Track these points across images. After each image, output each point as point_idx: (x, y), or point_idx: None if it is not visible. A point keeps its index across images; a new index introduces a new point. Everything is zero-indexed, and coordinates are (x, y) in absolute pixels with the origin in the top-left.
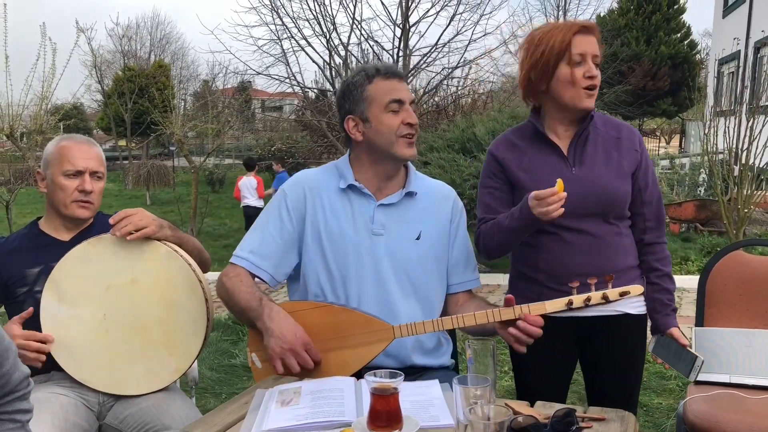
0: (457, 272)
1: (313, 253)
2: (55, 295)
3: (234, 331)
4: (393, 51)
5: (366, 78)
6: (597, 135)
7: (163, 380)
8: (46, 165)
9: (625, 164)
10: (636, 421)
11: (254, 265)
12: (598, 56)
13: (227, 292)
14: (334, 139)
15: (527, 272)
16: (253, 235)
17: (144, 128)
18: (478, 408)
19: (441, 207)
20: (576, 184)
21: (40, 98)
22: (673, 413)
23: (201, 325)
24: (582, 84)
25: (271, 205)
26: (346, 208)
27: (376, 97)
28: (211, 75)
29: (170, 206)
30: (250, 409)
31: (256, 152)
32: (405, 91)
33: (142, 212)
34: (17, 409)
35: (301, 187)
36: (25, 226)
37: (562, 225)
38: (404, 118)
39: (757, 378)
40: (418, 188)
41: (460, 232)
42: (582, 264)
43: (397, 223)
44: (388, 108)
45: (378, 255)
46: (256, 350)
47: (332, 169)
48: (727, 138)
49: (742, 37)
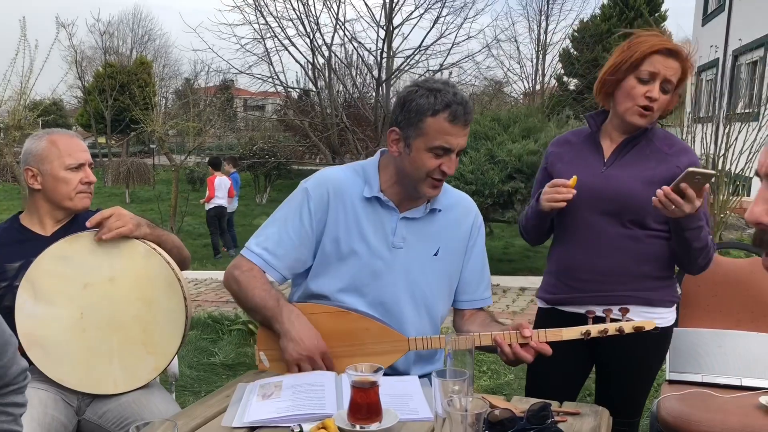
0: (468, 290)
1: (329, 258)
2: (31, 293)
3: (213, 329)
4: (376, 52)
5: (432, 108)
6: (647, 146)
7: (140, 379)
8: (40, 161)
9: (659, 173)
10: (609, 416)
11: (267, 264)
12: (671, 82)
13: (239, 286)
14: (316, 139)
15: (550, 267)
16: (269, 230)
17: (124, 126)
18: (456, 400)
19: (461, 223)
20: (600, 180)
21: (18, 94)
22: (647, 413)
23: (179, 324)
24: (639, 102)
25: (291, 201)
26: (369, 217)
27: (428, 133)
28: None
29: (150, 204)
30: (231, 402)
31: (238, 151)
32: (461, 138)
33: (119, 212)
34: (12, 402)
35: (325, 189)
36: (4, 221)
37: (578, 219)
38: (442, 164)
39: (728, 377)
40: (442, 204)
41: (476, 250)
42: (589, 260)
43: (418, 237)
44: (433, 150)
45: (394, 268)
46: (264, 349)
47: (359, 172)
48: (705, 144)
49: (721, 45)
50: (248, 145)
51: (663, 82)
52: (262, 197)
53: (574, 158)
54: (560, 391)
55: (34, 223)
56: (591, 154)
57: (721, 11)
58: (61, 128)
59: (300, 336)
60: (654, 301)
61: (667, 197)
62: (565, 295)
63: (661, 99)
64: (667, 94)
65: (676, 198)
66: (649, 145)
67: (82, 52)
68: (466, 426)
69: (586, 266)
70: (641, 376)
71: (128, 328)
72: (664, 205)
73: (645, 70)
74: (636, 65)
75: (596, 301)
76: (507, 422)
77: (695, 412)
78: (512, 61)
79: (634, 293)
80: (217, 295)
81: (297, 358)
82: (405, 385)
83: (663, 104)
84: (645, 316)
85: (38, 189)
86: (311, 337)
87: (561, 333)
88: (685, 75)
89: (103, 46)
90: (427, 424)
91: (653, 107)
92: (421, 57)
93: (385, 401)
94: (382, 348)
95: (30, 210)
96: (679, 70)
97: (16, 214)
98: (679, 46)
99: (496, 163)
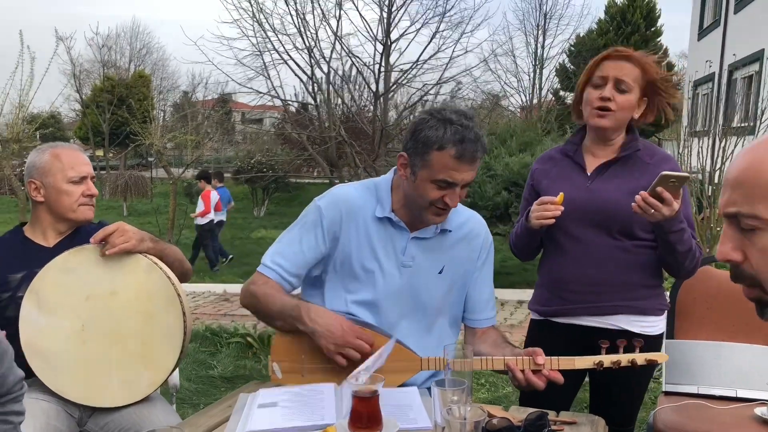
0: (479, 308)
1: (340, 275)
2: (36, 303)
3: (212, 342)
4: (374, 67)
5: (438, 141)
6: (629, 160)
7: (137, 393)
8: (43, 174)
9: (643, 183)
10: (605, 426)
11: (282, 278)
12: (624, 81)
13: (256, 299)
14: (314, 152)
15: (541, 280)
16: (284, 248)
17: (122, 138)
18: (455, 409)
19: (471, 243)
20: (585, 194)
21: (17, 107)
22: (644, 424)
23: (178, 339)
24: (594, 104)
25: (306, 219)
26: (381, 236)
27: (434, 165)
28: (192, 86)
29: (148, 217)
30: (233, 411)
31: (236, 164)
32: (466, 174)
33: (122, 227)
34: (11, 410)
35: (339, 209)
36: (7, 232)
37: (567, 233)
38: (445, 197)
39: (724, 389)
40: (452, 224)
41: (485, 269)
42: (580, 272)
43: (426, 255)
44: (436, 182)
45: (402, 287)
46: (278, 360)
47: (372, 190)
48: (701, 158)
49: (717, 60)
50: (246, 158)
51: (616, 83)
52: (260, 210)
53: (558, 175)
54: (554, 401)
55: (37, 234)
56: (574, 170)
57: (717, 26)
58: (62, 141)
59: (327, 328)
60: (646, 309)
61: (645, 201)
62: (558, 307)
63: (620, 98)
64: (625, 94)
65: (653, 202)
66: (631, 157)
67: (81, 65)
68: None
69: (577, 278)
70: (634, 385)
71: (127, 341)
72: (644, 210)
73: (597, 76)
74: (590, 76)
75: (589, 312)
76: (505, 431)
77: (691, 423)
78: (509, 75)
79: (626, 303)
80: (215, 308)
81: (335, 350)
82: (404, 395)
83: (625, 104)
84: (637, 325)
85: (41, 201)
86: (336, 324)
87: (574, 362)
88: (648, 74)
89: (101, 59)
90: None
91: (609, 107)
92: (419, 71)
93: (385, 411)
94: (396, 366)
95: (33, 222)
96: (634, 70)
97: (19, 225)
98: (628, 51)
99: (493, 176)
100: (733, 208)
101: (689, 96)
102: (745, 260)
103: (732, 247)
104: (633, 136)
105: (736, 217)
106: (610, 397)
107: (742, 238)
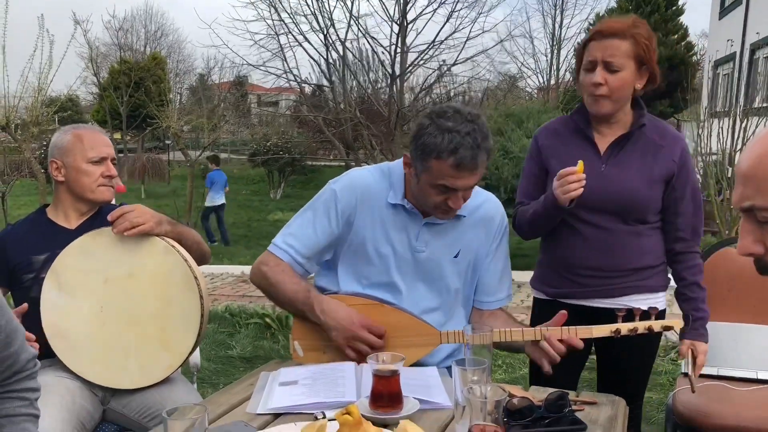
0: (489, 291)
1: (354, 259)
2: (56, 284)
3: (230, 323)
4: (390, 48)
5: (437, 150)
6: (640, 139)
7: (155, 376)
8: (64, 153)
9: (657, 171)
10: (626, 405)
11: (294, 260)
12: (611, 62)
13: (268, 282)
14: (330, 134)
15: (548, 261)
16: (297, 230)
17: (140, 121)
18: (476, 388)
19: (485, 226)
20: (601, 180)
21: (36, 90)
22: (663, 407)
23: (195, 322)
24: (588, 90)
25: (319, 201)
26: (394, 220)
27: (433, 172)
28: (207, 69)
29: (165, 200)
30: (255, 390)
31: (252, 147)
32: (467, 180)
33: (140, 209)
34: (26, 387)
35: (353, 194)
36: (30, 213)
37: (580, 217)
38: (448, 199)
39: (744, 370)
40: (467, 208)
41: (499, 252)
42: (594, 258)
43: (440, 241)
44: (437, 187)
45: (417, 270)
46: (299, 338)
47: (386, 174)
48: (721, 139)
49: (738, 39)
50: (262, 140)
51: (605, 65)
52: (276, 193)
53: (569, 156)
54: (561, 380)
55: (59, 216)
56: (585, 150)
57: (738, 4)
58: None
59: (337, 321)
60: (653, 287)
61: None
62: (568, 290)
63: (612, 80)
64: (617, 74)
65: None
66: (641, 138)
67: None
68: (486, 414)
69: (590, 264)
70: (640, 362)
71: (145, 324)
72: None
73: (586, 60)
74: (580, 60)
75: (599, 295)
76: (525, 410)
77: (710, 405)
78: (527, 56)
79: (635, 283)
80: (233, 289)
81: (345, 343)
82: (424, 374)
83: (618, 84)
84: (644, 302)
85: (62, 181)
86: (346, 317)
87: (591, 331)
88: (639, 46)
89: (118, 42)
90: (446, 412)
91: (602, 92)
92: (435, 52)
93: (406, 390)
94: (414, 341)
95: (55, 203)
96: (622, 44)
97: (42, 207)
98: (611, 26)
99: (511, 158)
100: (748, 202)
101: (710, 76)
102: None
103: (752, 241)
104: (640, 112)
105: (751, 211)
106: (617, 374)
107: (761, 231)
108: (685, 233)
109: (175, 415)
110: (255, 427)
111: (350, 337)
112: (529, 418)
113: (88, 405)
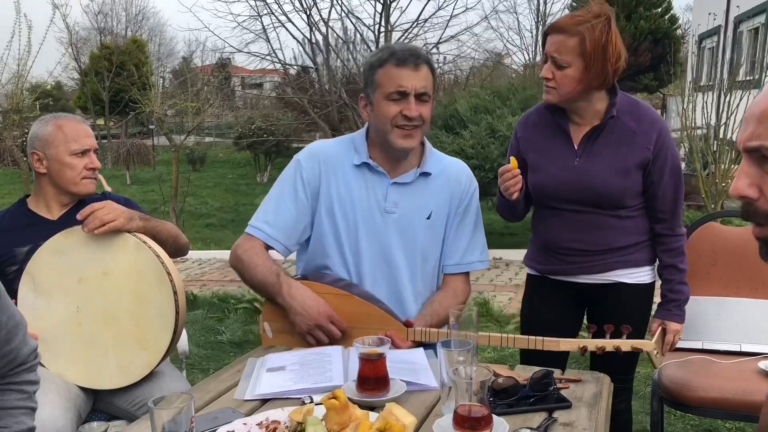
0: (454, 254)
1: (326, 227)
2: (32, 286)
3: (219, 308)
4: (374, 27)
5: (379, 61)
6: (614, 127)
7: (134, 375)
8: (46, 145)
9: (631, 160)
10: (611, 382)
11: (269, 236)
12: (556, 58)
13: (242, 265)
14: (315, 116)
15: (535, 240)
16: (267, 205)
17: (123, 106)
18: (462, 369)
19: (453, 187)
20: (574, 173)
21: (16, 77)
22: (649, 381)
23: (170, 318)
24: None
25: (285, 175)
26: (360, 184)
27: (382, 83)
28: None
29: (151, 186)
30: (243, 376)
31: (237, 130)
32: (415, 80)
33: (110, 205)
34: (25, 380)
35: (317, 159)
36: (11, 205)
37: (558, 206)
38: (402, 109)
39: (728, 344)
40: (433, 168)
41: (467, 217)
42: (576, 239)
43: (410, 202)
44: (389, 97)
45: (389, 233)
46: (269, 320)
47: (348, 143)
48: (706, 113)
49: (721, 13)
50: (247, 123)
51: (552, 60)
52: (263, 176)
53: (545, 149)
54: (553, 357)
55: (41, 207)
56: (560, 144)
57: None
58: (62, 112)
59: (303, 307)
60: (639, 261)
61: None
62: (554, 266)
63: (558, 75)
64: (563, 69)
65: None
66: (616, 126)
67: (77, 33)
68: (471, 394)
69: (572, 244)
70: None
71: (122, 322)
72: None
73: (545, 51)
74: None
75: (584, 271)
76: (511, 390)
77: (695, 378)
78: (511, 33)
79: (620, 258)
80: (221, 274)
81: (307, 330)
82: (411, 356)
83: (564, 80)
84: (631, 276)
85: (44, 173)
86: (313, 305)
87: (558, 344)
88: (588, 44)
89: (97, 26)
90: (433, 393)
91: (551, 85)
92: (419, 30)
93: (392, 372)
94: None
95: (36, 194)
96: (569, 42)
97: (23, 198)
98: (560, 23)
99: (498, 137)
100: (756, 142)
101: (694, 50)
102: (761, 197)
103: (748, 183)
104: (613, 100)
105: (758, 151)
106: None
107: (761, 174)
108: (664, 214)
109: (162, 404)
110: (243, 413)
111: (314, 325)
112: (514, 397)
113: (82, 394)
